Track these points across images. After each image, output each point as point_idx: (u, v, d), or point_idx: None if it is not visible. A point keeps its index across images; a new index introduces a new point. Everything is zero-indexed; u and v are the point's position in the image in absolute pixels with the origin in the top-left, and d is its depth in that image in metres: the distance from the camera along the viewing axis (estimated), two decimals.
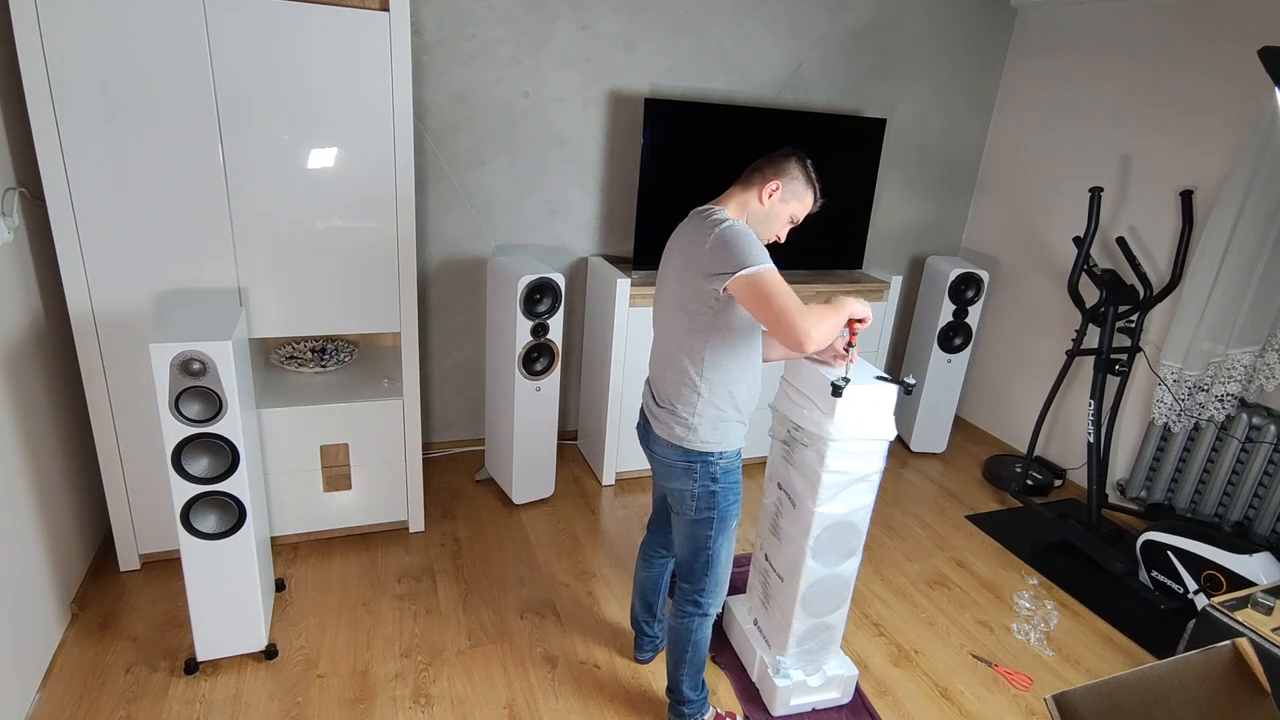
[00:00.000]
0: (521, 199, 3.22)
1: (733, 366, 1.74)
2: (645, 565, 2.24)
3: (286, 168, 2.29)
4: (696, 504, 1.84)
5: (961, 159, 4.00)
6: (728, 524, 1.89)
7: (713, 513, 1.85)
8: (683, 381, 1.76)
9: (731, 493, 1.86)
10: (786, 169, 1.74)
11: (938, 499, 3.47)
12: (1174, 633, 2.53)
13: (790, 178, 1.74)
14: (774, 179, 1.73)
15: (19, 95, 2.06)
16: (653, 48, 3.19)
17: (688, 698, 2.04)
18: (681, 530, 1.93)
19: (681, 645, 2.00)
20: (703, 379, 1.73)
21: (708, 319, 1.68)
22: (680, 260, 1.72)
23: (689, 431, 1.78)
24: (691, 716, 2.06)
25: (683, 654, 2.00)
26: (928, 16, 3.60)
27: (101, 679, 2.09)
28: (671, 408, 1.79)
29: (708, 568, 1.91)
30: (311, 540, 2.75)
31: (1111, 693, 1.40)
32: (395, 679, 2.17)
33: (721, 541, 1.89)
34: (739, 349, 1.74)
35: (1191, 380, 2.98)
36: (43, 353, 2.23)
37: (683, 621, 1.97)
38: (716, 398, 1.75)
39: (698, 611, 1.96)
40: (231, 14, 2.09)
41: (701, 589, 1.93)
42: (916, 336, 3.85)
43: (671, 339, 1.77)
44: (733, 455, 1.84)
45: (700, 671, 2.05)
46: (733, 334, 1.71)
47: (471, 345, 3.37)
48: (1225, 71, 2.92)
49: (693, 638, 1.98)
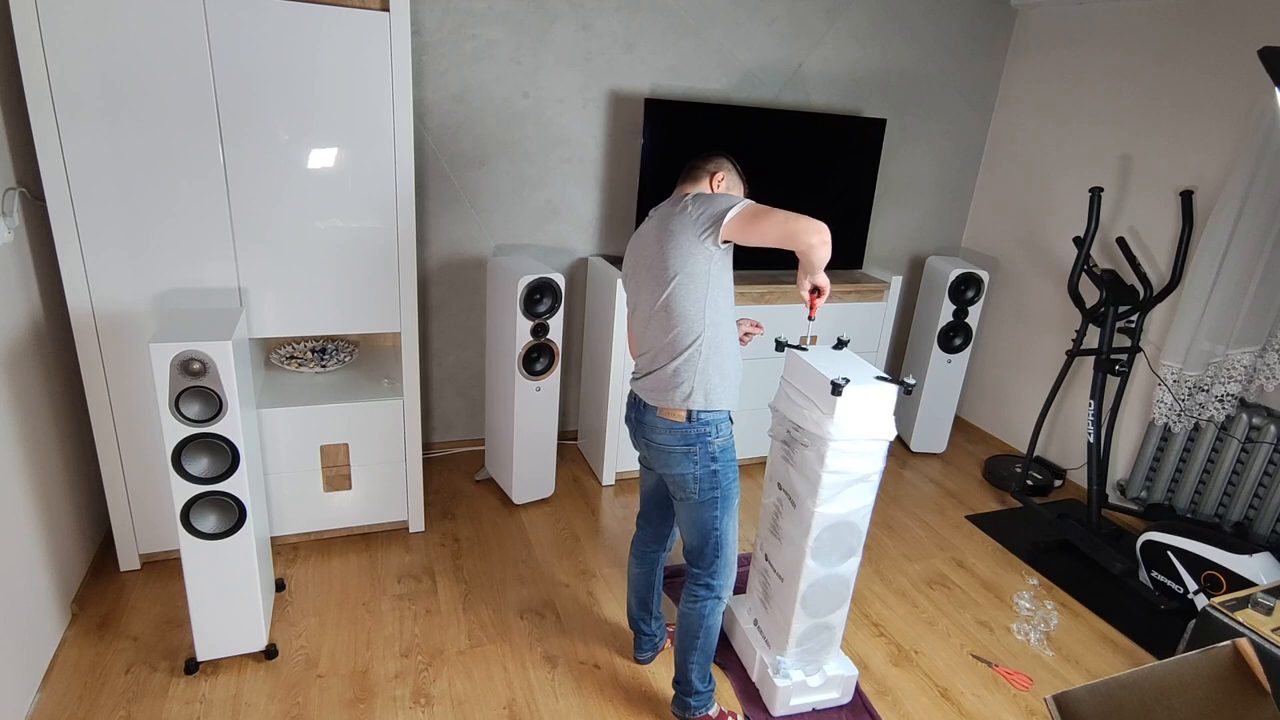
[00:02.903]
0: (521, 199, 3.22)
1: (723, 321, 1.83)
2: (638, 562, 2.24)
3: (287, 168, 2.29)
4: (700, 486, 1.88)
5: (961, 159, 4.00)
6: (731, 502, 1.93)
7: (716, 492, 1.89)
8: (681, 346, 1.81)
9: (731, 470, 1.91)
10: (721, 162, 1.93)
11: (938, 499, 3.47)
12: (1174, 633, 2.54)
13: (727, 169, 1.92)
14: (717, 170, 1.91)
15: (19, 95, 2.07)
16: (653, 48, 3.19)
17: (695, 688, 2.04)
18: (687, 516, 1.95)
19: (693, 631, 1.99)
20: (701, 338, 1.80)
21: (700, 281, 1.77)
22: (658, 244, 1.80)
23: (694, 393, 1.82)
24: (697, 710, 2.05)
25: (694, 640, 2.00)
26: (928, 16, 3.61)
27: (101, 679, 2.09)
28: (673, 378, 1.83)
29: (718, 549, 1.94)
30: (311, 540, 2.75)
31: (1111, 693, 1.40)
32: (395, 679, 2.17)
33: (728, 521, 1.93)
34: (724, 306, 1.83)
35: (1191, 380, 2.98)
36: (43, 353, 2.24)
37: (695, 606, 1.98)
38: (714, 353, 1.82)
39: (710, 595, 1.97)
40: (232, 14, 2.09)
41: (713, 571, 1.96)
42: (916, 336, 3.85)
43: (663, 319, 1.83)
44: (727, 432, 1.89)
45: (710, 661, 2.04)
46: (723, 292, 1.81)
47: (471, 345, 3.37)
48: (1225, 71, 2.92)
49: (705, 622, 1.98)
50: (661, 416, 1.86)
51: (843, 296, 3.38)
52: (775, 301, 3.26)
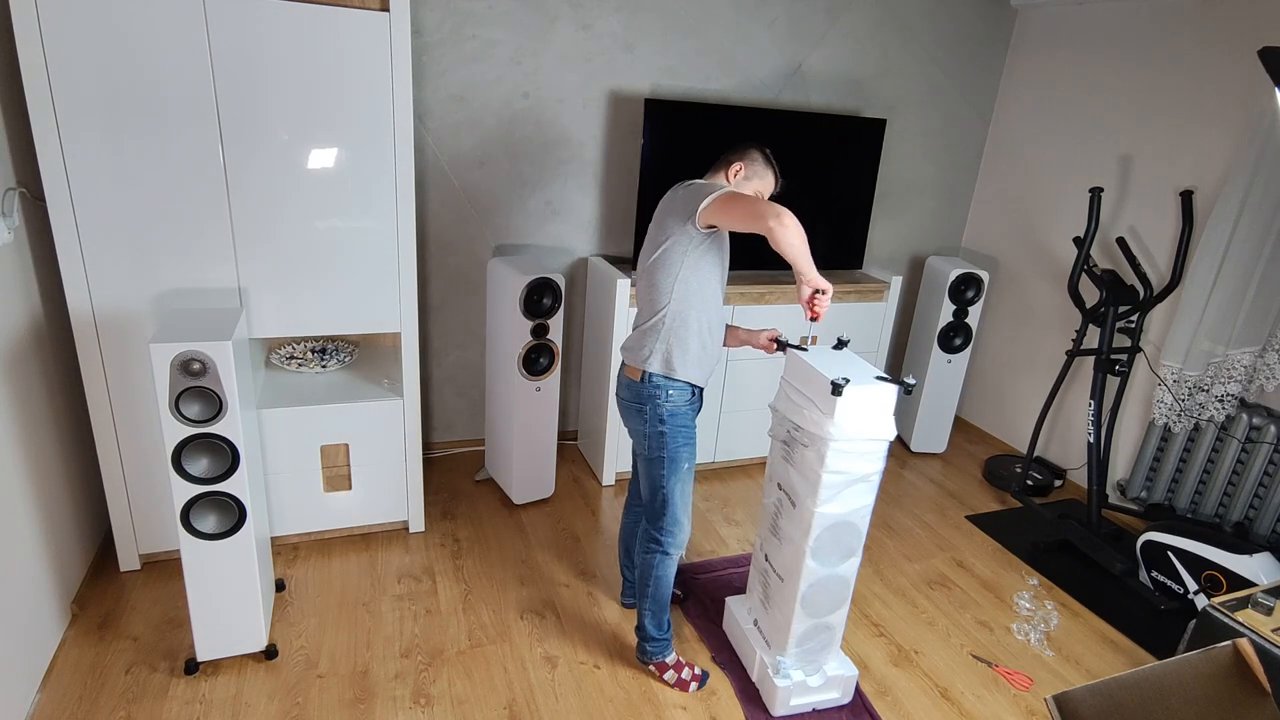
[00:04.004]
0: (521, 199, 3.22)
1: (693, 300, 1.96)
2: (626, 514, 2.48)
3: (287, 168, 2.29)
4: (649, 444, 2.06)
5: (961, 159, 4.00)
6: (678, 466, 2.06)
7: (663, 453, 2.05)
8: (651, 313, 2.00)
9: (681, 436, 2.04)
10: (748, 154, 2.03)
11: (938, 499, 3.47)
12: (1174, 633, 2.53)
13: (751, 160, 2.03)
14: (737, 162, 2.02)
15: (19, 95, 2.07)
16: (653, 48, 3.19)
17: (649, 634, 2.22)
18: (641, 470, 2.13)
19: (645, 580, 2.18)
20: (666, 309, 1.97)
21: (676, 257, 1.93)
22: (659, 217, 1.98)
23: (651, 356, 2.00)
24: (653, 655, 2.24)
25: (645, 588, 2.18)
26: (928, 16, 3.61)
27: (101, 679, 2.09)
28: (640, 339, 2.03)
29: (664, 507, 2.10)
30: (311, 540, 2.75)
31: (1112, 693, 1.40)
32: (395, 679, 2.17)
33: (674, 483, 2.07)
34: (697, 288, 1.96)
35: (1191, 380, 2.98)
36: (43, 353, 2.23)
37: (646, 558, 2.16)
38: (678, 327, 1.97)
39: (658, 549, 2.14)
40: (232, 14, 2.09)
41: (660, 528, 2.12)
42: (916, 336, 3.85)
43: (646, 284, 2.02)
44: (680, 400, 2.02)
45: (661, 610, 2.20)
46: (698, 275, 1.94)
47: (471, 345, 3.37)
48: (1225, 72, 2.92)
49: (653, 573, 2.15)
50: (625, 374, 2.07)
51: (843, 296, 3.38)
52: (775, 301, 3.26)
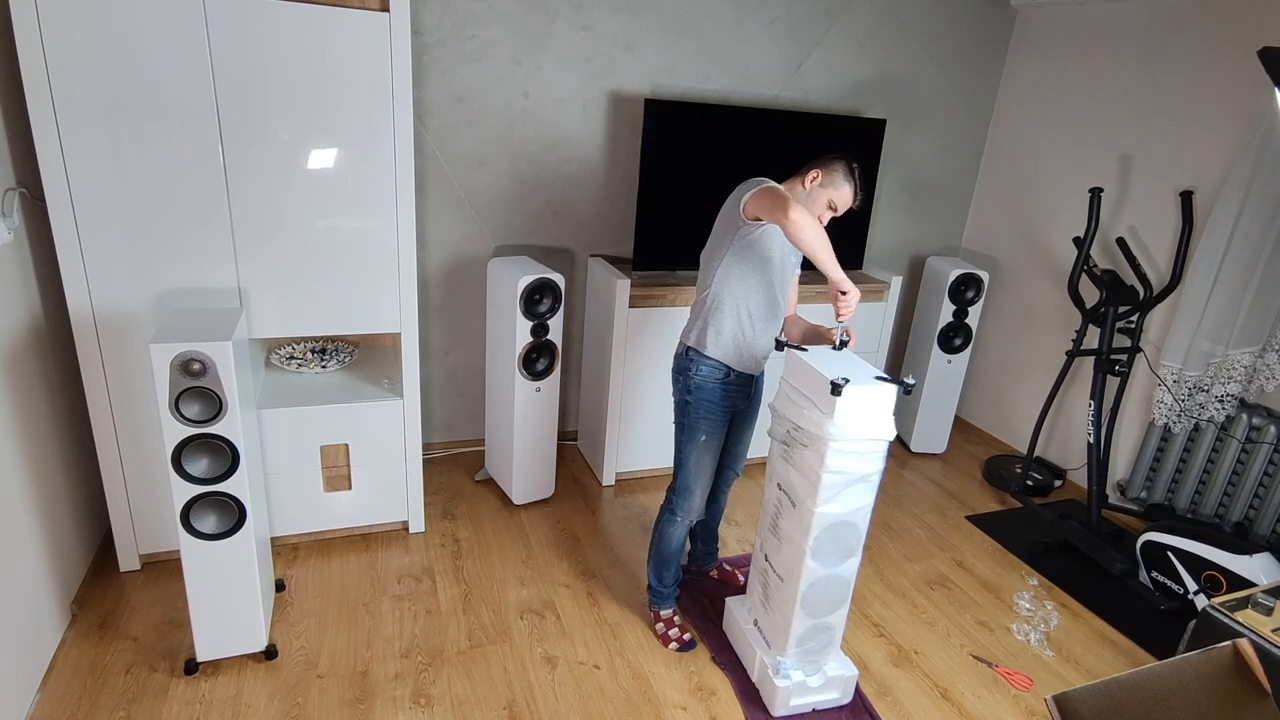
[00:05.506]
0: (521, 199, 3.22)
1: (734, 288, 2.10)
2: None
3: (287, 168, 2.29)
4: (677, 411, 2.26)
5: (961, 159, 4.00)
6: (695, 436, 2.21)
7: (684, 420, 2.23)
8: (699, 294, 2.18)
9: (702, 409, 2.19)
10: (830, 164, 2.10)
11: (938, 499, 3.47)
12: (1174, 633, 2.53)
13: (831, 170, 2.09)
14: (816, 169, 2.10)
15: (19, 95, 2.07)
16: (653, 48, 3.19)
17: (650, 584, 2.43)
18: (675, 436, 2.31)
19: (654, 534, 2.38)
20: (709, 291, 2.13)
21: (723, 246, 2.08)
22: (724, 208, 2.12)
23: (691, 332, 2.19)
24: (652, 605, 2.45)
25: (652, 542, 2.39)
26: (927, 17, 3.61)
27: (101, 679, 2.09)
28: (690, 316, 2.22)
29: (678, 470, 2.28)
30: (311, 540, 2.75)
31: (1111, 693, 1.40)
32: (395, 679, 2.17)
33: (690, 450, 2.23)
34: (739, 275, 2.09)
35: (1191, 381, 2.98)
36: (43, 353, 2.23)
37: (659, 516, 2.36)
38: (716, 311, 2.12)
39: (666, 508, 2.33)
40: (232, 14, 2.09)
41: (672, 488, 2.31)
42: (916, 336, 3.85)
43: (701, 269, 2.19)
44: (708, 376, 2.16)
45: (663, 565, 2.38)
46: (742, 264, 2.08)
47: (471, 345, 3.37)
48: (1225, 72, 2.92)
49: (658, 529, 2.36)
50: (680, 343, 2.24)
51: None
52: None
